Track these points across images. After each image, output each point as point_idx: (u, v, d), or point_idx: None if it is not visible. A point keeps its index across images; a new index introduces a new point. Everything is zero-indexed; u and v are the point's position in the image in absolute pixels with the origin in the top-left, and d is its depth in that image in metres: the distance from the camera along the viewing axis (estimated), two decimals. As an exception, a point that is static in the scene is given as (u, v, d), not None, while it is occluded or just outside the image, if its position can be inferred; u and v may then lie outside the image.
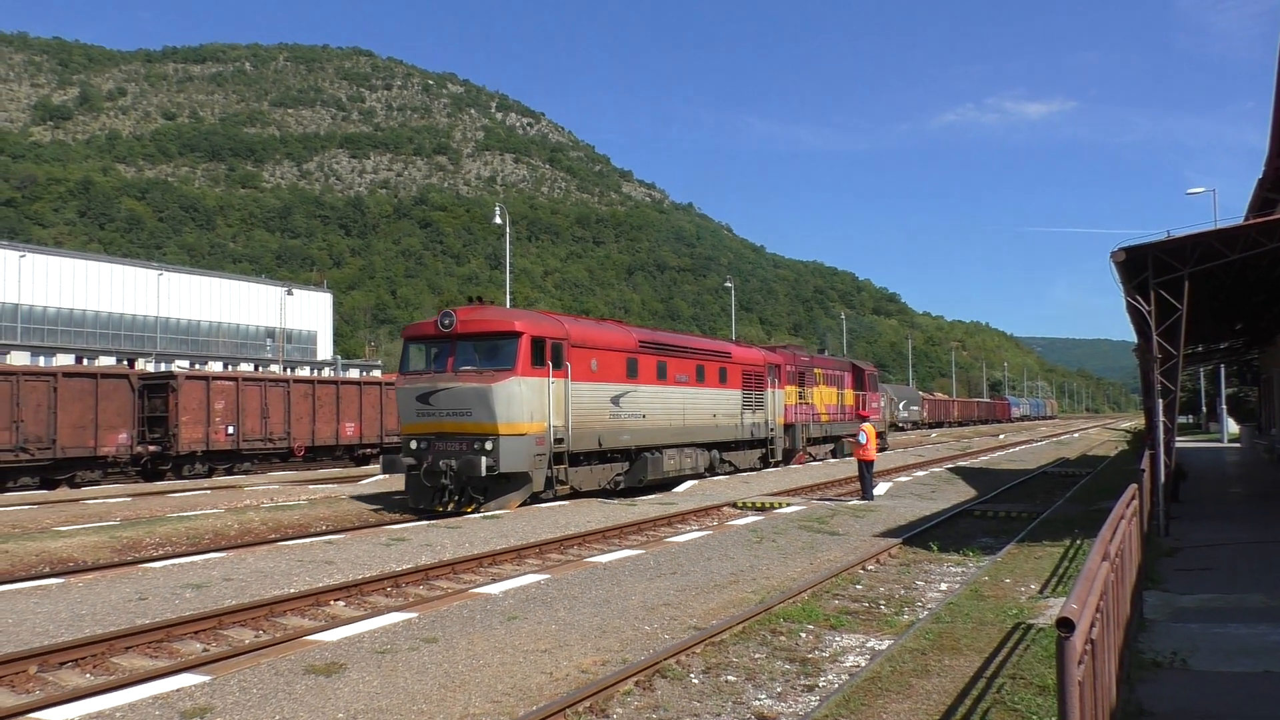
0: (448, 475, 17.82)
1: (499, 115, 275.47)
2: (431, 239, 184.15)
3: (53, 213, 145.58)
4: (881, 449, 36.30)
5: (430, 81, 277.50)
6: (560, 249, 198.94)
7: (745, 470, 28.02)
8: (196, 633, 9.18)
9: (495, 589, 10.60)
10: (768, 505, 19.77)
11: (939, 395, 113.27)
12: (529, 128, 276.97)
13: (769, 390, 29.13)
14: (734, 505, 20.08)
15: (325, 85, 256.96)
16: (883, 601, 10.86)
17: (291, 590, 10.77)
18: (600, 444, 20.50)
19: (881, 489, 23.61)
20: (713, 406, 25.59)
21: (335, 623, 9.39)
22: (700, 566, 12.40)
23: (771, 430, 29.25)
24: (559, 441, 19.04)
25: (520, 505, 18.37)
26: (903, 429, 79.54)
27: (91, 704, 6.56)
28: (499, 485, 18.32)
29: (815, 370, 34.14)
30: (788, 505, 19.62)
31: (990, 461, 37.07)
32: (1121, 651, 5.85)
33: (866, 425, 21.21)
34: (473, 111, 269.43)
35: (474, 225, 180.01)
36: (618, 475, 21.84)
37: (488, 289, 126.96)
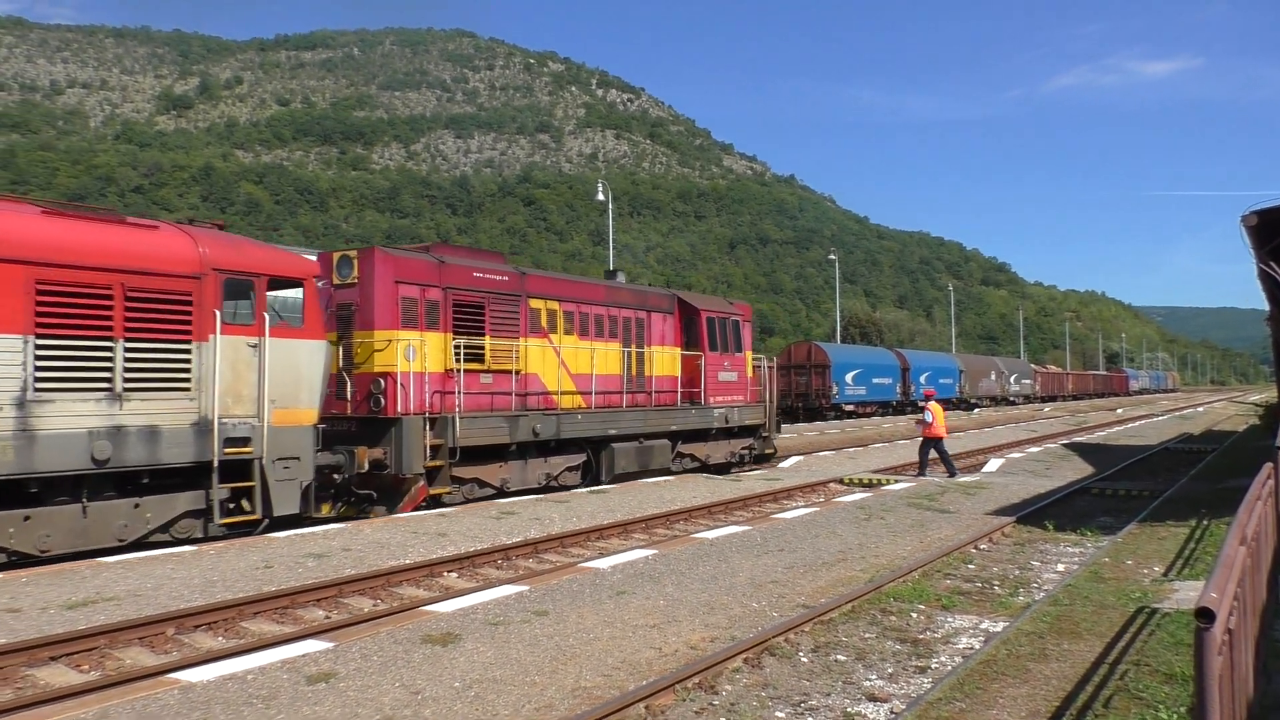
0: None
1: (599, 92, 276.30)
2: (535, 216, 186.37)
3: (177, 198, 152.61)
4: (756, 435, 23.50)
5: (531, 60, 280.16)
6: (662, 224, 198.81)
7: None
8: (319, 600, 9.56)
9: (603, 563, 10.72)
10: (875, 482, 19.50)
11: (1052, 368, 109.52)
12: (629, 103, 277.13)
13: (216, 339, 11.95)
14: (840, 481, 19.88)
15: (430, 67, 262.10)
16: (996, 582, 10.59)
17: (407, 561, 11.10)
18: None
19: (993, 465, 23.06)
20: None
21: (449, 594, 9.66)
22: (807, 543, 12.31)
23: (253, 435, 12.34)
24: None
25: None
26: (1014, 403, 77.31)
27: (224, 666, 6.90)
28: None
29: (538, 303, 17.63)
30: (896, 482, 19.33)
31: (1107, 437, 35.69)
32: (1258, 640, 5.58)
33: (932, 404, 21.03)
34: (573, 89, 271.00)
35: (576, 202, 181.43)
36: None
37: (591, 264, 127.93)
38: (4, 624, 8.15)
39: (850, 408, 52.14)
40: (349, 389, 14.86)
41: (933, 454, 20.94)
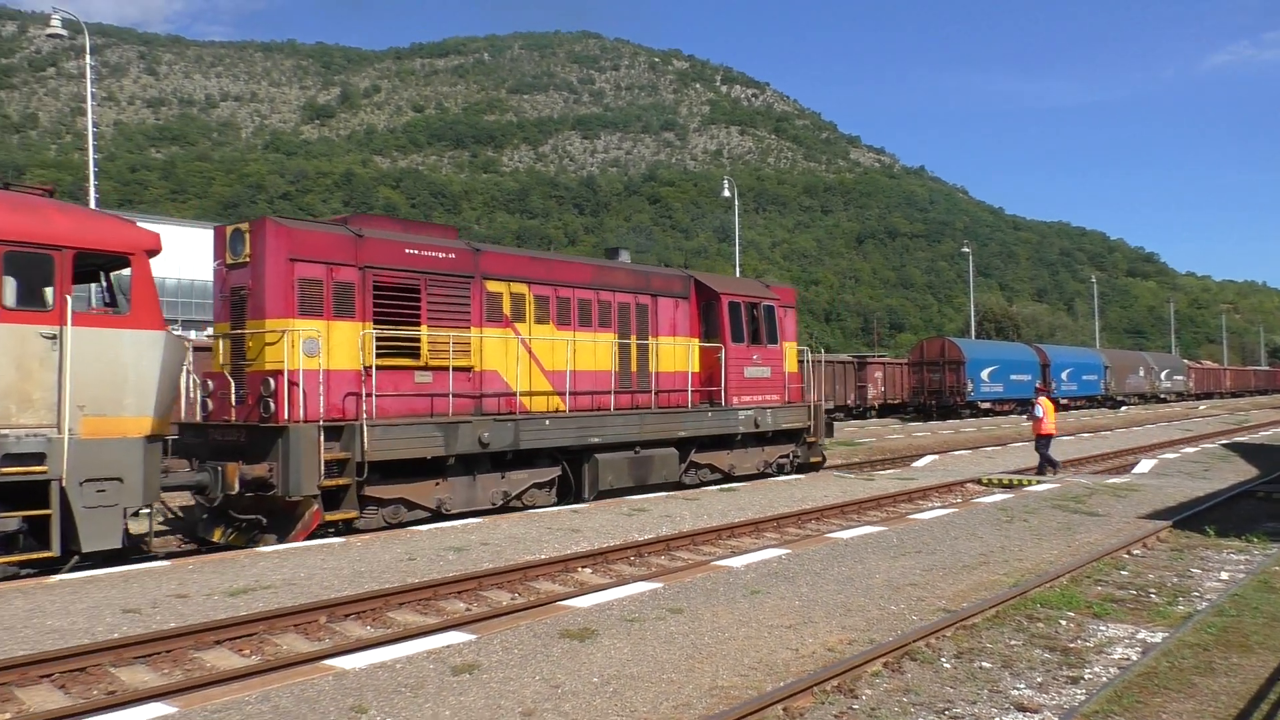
0: None
1: (724, 88, 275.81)
2: (660, 214, 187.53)
3: (321, 203, 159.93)
4: (799, 441, 20.45)
5: (656, 59, 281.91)
6: (788, 219, 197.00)
7: None
8: (459, 593, 9.82)
9: (736, 562, 10.68)
10: (1016, 482, 18.81)
11: (1207, 363, 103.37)
12: (754, 99, 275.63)
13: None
14: (978, 482, 19.26)
15: (557, 70, 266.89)
16: (1153, 590, 10.04)
17: (542, 556, 11.30)
18: None
19: (1144, 466, 21.95)
20: None
21: (584, 589, 9.79)
22: (946, 545, 11.96)
23: (48, 450, 9.89)
24: None
25: None
26: (1165, 400, 73.38)
27: (374, 654, 7.16)
28: None
29: (498, 286, 15.04)
30: (1039, 483, 18.59)
31: (1273, 436, 33.42)
32: None
33: (1043, 399, 20.71)
34: (698, 86, 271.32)
35: (701, 199, 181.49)
36: None
37: (716, 261, 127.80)
38: (174, 609, 8.68)
39: (986, 405, 50.49)
40: (233, 390, 12.67)
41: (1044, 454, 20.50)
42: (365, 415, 12.67)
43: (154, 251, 10.90)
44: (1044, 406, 20.48)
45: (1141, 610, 9.14)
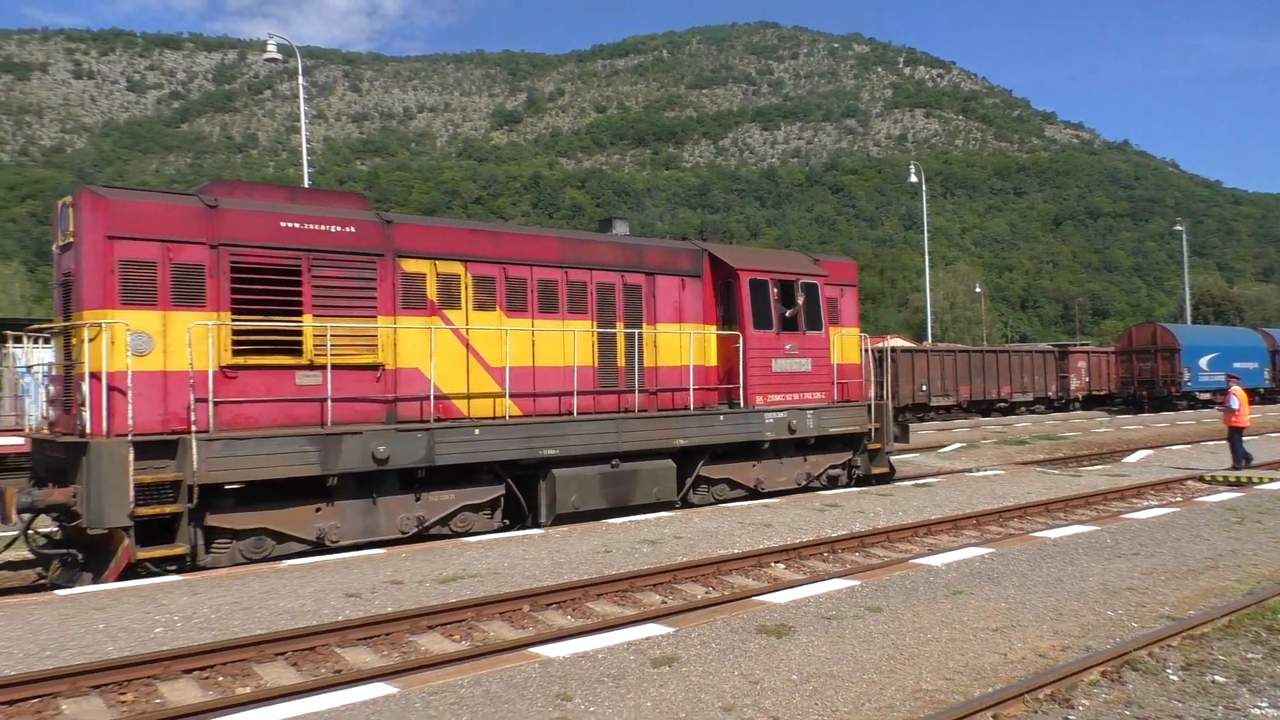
0: None
1: (907, 70, 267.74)
2: (843, 203, 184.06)
3: (511, 206, 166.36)
4: (857, 449, 17.07)
5: (835, 45, 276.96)
6: (978, 203, 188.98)
7: None
8: (655, 585, 9.97)
9: (936, 560, 10.35)
10: (1247, 480, 17.33)
11: None
12: (939, 79, 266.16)
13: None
14: (1201, 479, 17.87)
15: (735, 62, 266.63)
16: None
17: (735, 550, 11.32)
18: None
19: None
20: None
21: (778, 585, 9.74)
22: (1167, 547, 11.16)
23: None
24: None
25: None
26: None
27: (576, 644, 7.38)
28: None
29: (419, 265, 12.35)
30: (1273, 480, 17.04)
31: None
32: None
33: (1237, 389, 19.30)
34: (879, 70, 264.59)
35: (885, 186, 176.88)
36: None
37: (903, 250, 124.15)
38: (390, 594, 9.24)
39: (1206, 396, 46.73)
40: (47, 397, 10.98)
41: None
42: (198, 427, 10.38)
43: None
44: (1239, 398, 19.04)
45: (1403, 624, 8.22)
